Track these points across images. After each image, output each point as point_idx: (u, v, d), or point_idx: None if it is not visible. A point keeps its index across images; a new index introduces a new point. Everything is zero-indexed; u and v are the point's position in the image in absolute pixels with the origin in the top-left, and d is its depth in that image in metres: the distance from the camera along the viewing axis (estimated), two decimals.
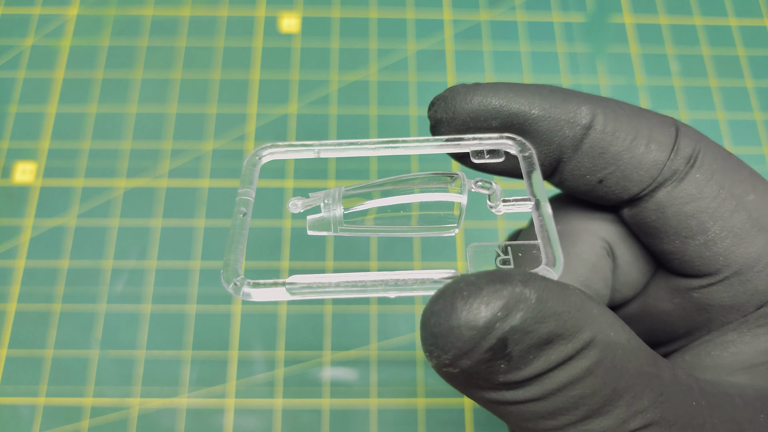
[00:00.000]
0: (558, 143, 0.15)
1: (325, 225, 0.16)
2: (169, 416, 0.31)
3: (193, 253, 0.34)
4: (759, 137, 0.38)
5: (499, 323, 0.11)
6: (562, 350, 0.11)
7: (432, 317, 0.11)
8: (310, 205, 0.16)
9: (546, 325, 0.11)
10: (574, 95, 0.15)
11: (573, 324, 0.11)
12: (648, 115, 0.16)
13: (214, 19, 0.40)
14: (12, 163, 0.36)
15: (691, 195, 0.15)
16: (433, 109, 0.16)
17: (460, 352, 0.11)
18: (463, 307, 0.11)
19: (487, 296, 0.11)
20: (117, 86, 0.38)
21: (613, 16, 0.41)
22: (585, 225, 0.17)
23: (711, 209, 0.15)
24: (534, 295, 0.11)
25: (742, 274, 0.15)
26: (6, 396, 0.31)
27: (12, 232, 0.35)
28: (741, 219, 0.15)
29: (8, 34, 0.40)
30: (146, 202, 0.35)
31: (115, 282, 0.34)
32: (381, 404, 0.31)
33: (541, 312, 0.11)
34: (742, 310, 0.15)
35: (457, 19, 0.40)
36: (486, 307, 0.11)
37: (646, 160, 0.15)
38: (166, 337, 0.33)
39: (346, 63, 0.39)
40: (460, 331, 0.11)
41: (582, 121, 0.15)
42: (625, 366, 0.12)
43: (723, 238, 0.15)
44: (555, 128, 0.15)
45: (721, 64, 0.40)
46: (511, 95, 0.15)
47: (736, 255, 0.15)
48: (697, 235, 0.15)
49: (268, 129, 0.37)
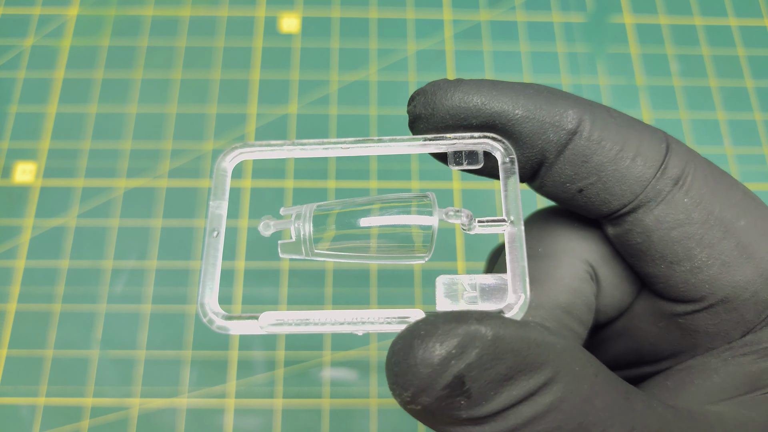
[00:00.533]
0: (541, 147, 0.14)
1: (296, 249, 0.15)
2: (169, 416, 0.31)
3: (193, 253, 0.34)
4: (759, 137, 0.38)
5: (455, 360, 0.11)
6: (524, 386, 0.11)
7: (393, 356, 0.11)
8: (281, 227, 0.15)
9: (504, 362, 0.11)
10: (562, 97, 0.15)
11: (533, 360, 0.11)
12: (639, 127, 0.15)
13: (214, 19, 0.40)
14: (12, 163, 0.36)
15: (679, 220, 0.14)
16: (413, 104, 0.15)
17: (418, 389, 0.11)
18: (419, 346, 0.11)
19: (442, 335, 0.11)
20: (117, 86, 0.38)
21: (613, 16, 0.41)
22: (569, 246, 0.16)
23: (698, 236, 0.14)
24: (490, 332, 0.11)
25: (728, 302, 0.14)
26: (6, 396, 0.31)
27: (12, 232, 0.35)
28: (729, 246, 0.14)
29: (8, 34, 0.40)
30: (146, 202, 0.35)
31: (115, 282, 0.34)
32: (381, 404, 0.31)
33: (498, 349, 0.11)
34: (727, 338, 0.15)
35: (457, 19, 0.40)
36: (441, 345, 0.11)
37: (630, 175, 0.14)
38: (166, 337, 0.33)
39: (346, 63, 0.39)
40: (417, 369, 0.11)
41: (567, 126, 0.14)
42: (592, 401, 0.12)
43: (710, 265, 0.14)
44: (539, 131, 0.14)
45: (721, 64, 0.40)
46: (494, 93, 0.14)
47: (723, 283, 0.14)
48: (683, 261, 0.14)
49: (268, 129, 0.37)
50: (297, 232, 0.15)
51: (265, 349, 0.32)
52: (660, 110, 0.38)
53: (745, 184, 0.16)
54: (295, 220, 0.15)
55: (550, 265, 0.16)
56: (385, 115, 0.38)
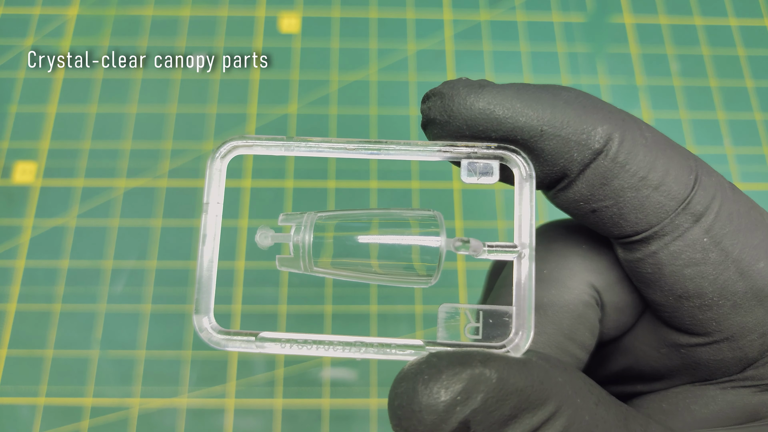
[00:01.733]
0: (563, 165, 0.13)
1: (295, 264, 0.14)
2: (169, 416, 0.31)
3: (193, 253, 0.34)
4: (759, 137, 0.38)
5: (460, 407, 0.11)
6: (527, 423, 0.11)
7: (396, 399, 0.11)
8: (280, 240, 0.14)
9: (508, 403, 0.11)
10: (593, 110, 0.13)
11: (537, 397, 0.11)
12: (669, 152, 0.13)
13: (215, 19, 0.40)
14: (12, 163, 0.36)
15: (694, 259, 0.13)
16: (427, 105, 0.14)
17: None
18: (423, 391, 0.11)
19: (446, 380, 0.11)
20: (117, 86, 0.38)
21: (613, 16, 0.41)
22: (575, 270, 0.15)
23: (712, 276, 0.13)
24: (495, 375, 0.11)
25: (733, 340, 0.14)
26: (6, 396, 0.31)
27: (12, 232, 0.35)
28: (743, 289, 0.13)
29: (8, 34, 0.40)
30: (146, 202, 0.35)
31: (115, 282, 0.34)
32: (381, 404, 0.31)
33: (503, 390, 0.11)
34: (728, 372, 0.14)
35: (457, 19, 0.40)
36: (446, 391, 0.11)
37: (649, 205, 0.13)
38: (166, 337, 0.33)
39: (346, 63, 0.39)
40: (421, 415, 0.11)
41: (594, 145, 0.13)
42: (592, 430, 0.12)
43: (720, 305, 0.14)
44: (563, 149, 0.13)
45: (721, 64, 0.40)
46: (519, 106, 0.13)
47: (731, 323, 0.14)
48: (693, 297, 0.14)
49: (268, 129, 0.37)
50: (296, 248, 0.14)
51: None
52: (660, 110, 0.38)
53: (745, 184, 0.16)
54: (294, 234, 0.14)
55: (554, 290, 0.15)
56: (385, 115, 0.38)
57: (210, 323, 0.13)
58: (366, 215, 0.14)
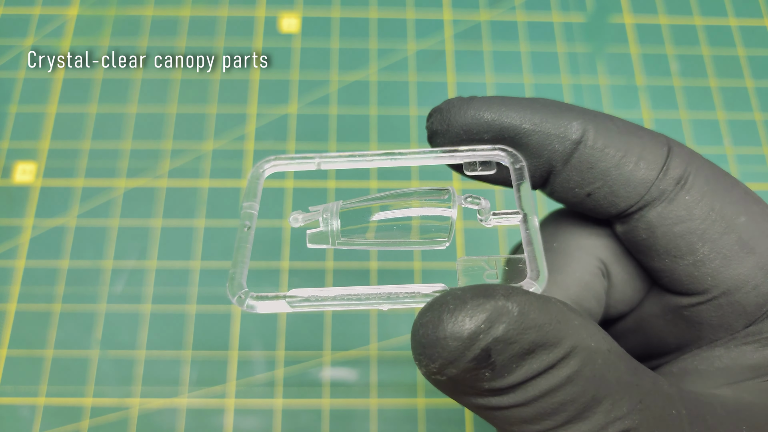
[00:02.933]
0: (548, 156, 0.16)
1: (323, 238, 0.16)
2: (169, 416, 0.31)
3: (193, 253, 0.34)
4: (759, 137, 0.38)
5: (483, 335, 0.11)
6: (543, 359, 0.12)
7: (421, 328, 0.12)
8: (309, 220, 0.16)
9: (528, 336, 0.12)
10: (567, 110, 0.16)
11: (554, 334, 0.12)
12: (640, 133, 0.16)
13: (215, 19, 0.40)
14: (12, 163, 0.36)
15: (681, 216, 0.15)
16: (430, 121, 0.17)
17: (446, 361, 0.11)
18: (449, 320, 0.11)
19: (471, 309, 0.11)
20: (117, 86, 0.38)
21: (613, 16, 0.41)
22: (581, 243, 0.17)
23: (700, 231, 0.15)
24: (516, 308, 0.12)
25: (730, 294, 0.15)
26: (6, 396, 0.31)
27: (12, 232, 0.35)
28: (730, 241, 0.15)
29: (8, 34, 0.40)
30: (146, 202, 0.35)
31: (115, 282, 0.34)
32: (381, 404, 0.31)
33: (523, 324, 0.12)
34: (730, 329, 0.15)
35: (457, 19, 0.40)
36: (470, 319, 0.11)
37: (634, 178, 0.15)
38: (166, 337, 0.33)
39: (346, 63, 0.39)
40: (446, 341, 0.11)
41: (572, 136, 0.15)
42: (605, 374, 0.12)
43: (711, 259, 0.15)
44: (545, 142, 0.15)
45: (721, 64, 0.40)
46: (503, 110, 0.16)
47: (725, 276, 0.15)
48: (686, 255, 0.15)
49: (268, 129, 0.37)
50: (325, 223, 0.16)
51: (265, 349, 0.32)
52: (660, 110, 0.38)
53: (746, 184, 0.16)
54: (323, 213, 0.16)
55: (562, 259, 0.17)
56: (385, 115, 0.38)
57: (242, 289, 0.14)
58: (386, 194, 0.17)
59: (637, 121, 0.32)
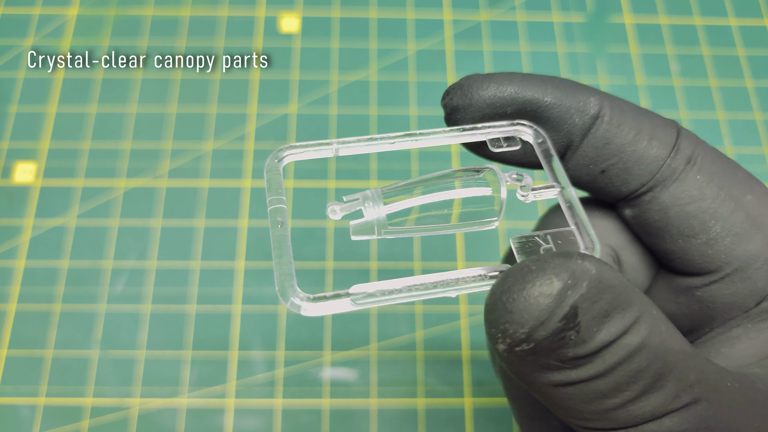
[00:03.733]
0: (567, 130, 0.16)
1: (369, 229, 0.15)
2: (169, 416, 0.31)
3: (193, 253, 0.34)
4: (759, 137, 0.38)
5: (571, 291, 0.11)
6: (619, 323, 0.12)
7: (503, 295, 0.12)
8: (349, 210, 0.16)
9: (606, 296, 0.12)
10: (583, 87, 0.16)
11: (625, 298, 0.12)
12: (651, 114, 0.16)
13: (215, 19, 0.40)
14: (12, 163, 0.36)
15: (693, 196, 0.15)
16: (449, 97, 0.16)
17: (537, 322, 0.11)
18: (535, 279, 0.11)
19: (555, 268, 0.11)
20: (117, 86, 0.38)
21: (613, 16, 0.41)
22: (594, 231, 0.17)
23: (712, 209, 0.15)
24: (593, 268, 0.12)
25: (742, 271, 0.15)
26: (6, 396, 0.31)
27: (12, 232, 0.35)
28: (740, 218, 0.15)
29: (8, 34, 0.40)
30: (146, 202, 0.35)
31: (115, 282, 0.34)
32: (381, 404, 0.31)
33: (601, 283, 0.12)
34: (743, 307, 0.16)
35: (457, 19, 0.40)
36: (557, 277, 0.11)
37: (647, 155, 0.15)
38: (166, 337, 0.33)
39: (346, 63, 0.39)
40: (537, 300, 0.11)
41: (591, 111, 0.16)
42: (670, 342, 0.12)
43: (723, 237, 0.15)
44: (565, 116, 0.16)
45: (721, 64, 0.40)
46: (525, 83, 0.16)
47: (736, 253, 0.15)
48: (699, 234, 0.15)
49: (268, 129, 0.37)
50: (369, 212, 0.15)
51: (265, 349, 0.32)
52: (660, 110, 0.38)
53: None
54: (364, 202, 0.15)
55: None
56: (385, 115, 0.38)
57: (298, 295, 0.13)
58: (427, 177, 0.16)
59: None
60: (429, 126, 0.40)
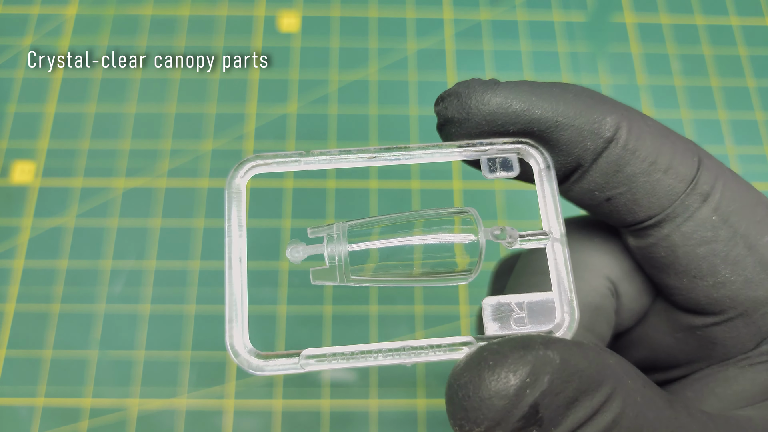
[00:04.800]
0: (577, 155, 0.14)
1: (330, 276, 0.14)
2: (168, 417, 0.31)
3: (192, 253, 0.34)
4: (760, 137, 0.38)
5: (530, 389, 0.11)
6: (588, 406, 0.11)
7: (460, 390, 0.11)
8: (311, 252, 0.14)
9: (572, 385, 0.11)
10: (600, 102, 0.14)
11: (595, 379, 0.11)
12: (673, 138, 0.14)
13: (214, 18, 0.40)
14: (11, 162, 0.36)
15: (705, 238, 0.14)
16: (443, 105, 0.15)
17: (492, 423, 0.11)
18: (491, 377, 0.11)
19: (513, 363, 0.11)
20: (116, 86, 0.38)
21: (614, 15, 0.41)
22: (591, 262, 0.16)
23: (723, 253, 0.14)
24: (558, 356, 0.11)
25: (747, 315, 0.14)
26: (5, 396, 0.31)
27: (11, 232, 0.35)
28: (752, 263, 0.14)
29: (7, 33, 0.40)
30: (145, 202, 0.35)
31: (114, 282, 0.34)
32: (381, 404, 0.31)
33: (566, 372, 0.11)
34: (743, 348, 0.15)
35: (457, 18, 0.40)
36: (514, 374, 0.11)
37: (660, 188, 0.14)
38: (165, 337, 0.32)
39: (346, 62, 0.39)
40: (491, 401, 0.11)
41: (606, 134, 0.14)
42: (645, 412, 0.12)
43: (733, 281, 0.14)
44: (577, 139, 0.14)
45: (722, 63, 0.39)
46: (534, 99, 0.14)
47: (744, 298, 0.14)
48: (707, 276, 0.14)
49: (267, 129, 0.37)
50: (331, 258, 0.14)
51: (265, 350, 0.32)
52: (661, 109, 0.38)
53: None
54: (327, 245, 0.14)
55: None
56: (386, 114, 0.37)
57: (246, 348, 0.12)
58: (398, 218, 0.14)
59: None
60: (429, 127, 0.39)
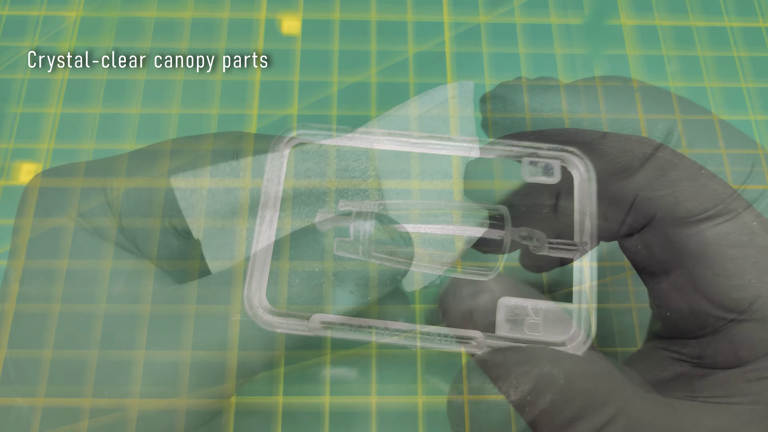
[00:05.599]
0: (624, 164, 0.13)
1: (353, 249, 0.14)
2: (168, 417, 0.31)
3: (191, 254, 0.34)
4: (757, 139, 0.38)
5: (529, 407, 0.11)
6: (589, 425, 0.11)
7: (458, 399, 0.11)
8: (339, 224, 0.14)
9: (574, 404, 0.11)
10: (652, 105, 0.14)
11: (599, 400, 0.11)
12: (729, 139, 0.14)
13: (216, 20, 0.41)
14: (14, 163, 0.36)
15: (740, 241, 0.14)
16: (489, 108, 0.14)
17: None
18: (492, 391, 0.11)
19: (515, 379, 0.11)
20: (118, 87, 0.39)
21: (610, 18, 0.41)
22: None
23: (755, 259, 0.14)
24: (563, 376, 0.11)
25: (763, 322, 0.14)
26: (3, 397, 0.31)
27: (11, 232, 0.35)
28: None
29: (11, 35, 0.40)
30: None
31: (114, 282, 0.34)
32: (381, 402, 0.31)
33: (569, 391, 0.11)
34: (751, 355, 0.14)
35: (456, 22, 0.41)
36: (515, 391, 0.11)
37: (705, 192, 0.13)
38: (166, 337, 0.32)
39: (347, 64, 0.39)
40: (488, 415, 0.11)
41: (654, 142, 0.13)
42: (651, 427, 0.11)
43: (757, 288, 0.14)
44: (626, 147, 0.13)
45: (719, 65, 0.40)
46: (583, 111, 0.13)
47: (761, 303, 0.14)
48: (733, 277, 0.14)
49: (268, 130, 0.37)
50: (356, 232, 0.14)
51: (265, 349, 0.32)
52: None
53: None
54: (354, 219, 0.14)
55: None
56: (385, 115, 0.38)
57: (261, 303, 0.13)
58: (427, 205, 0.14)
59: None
60: (428, 128, 0.40)
